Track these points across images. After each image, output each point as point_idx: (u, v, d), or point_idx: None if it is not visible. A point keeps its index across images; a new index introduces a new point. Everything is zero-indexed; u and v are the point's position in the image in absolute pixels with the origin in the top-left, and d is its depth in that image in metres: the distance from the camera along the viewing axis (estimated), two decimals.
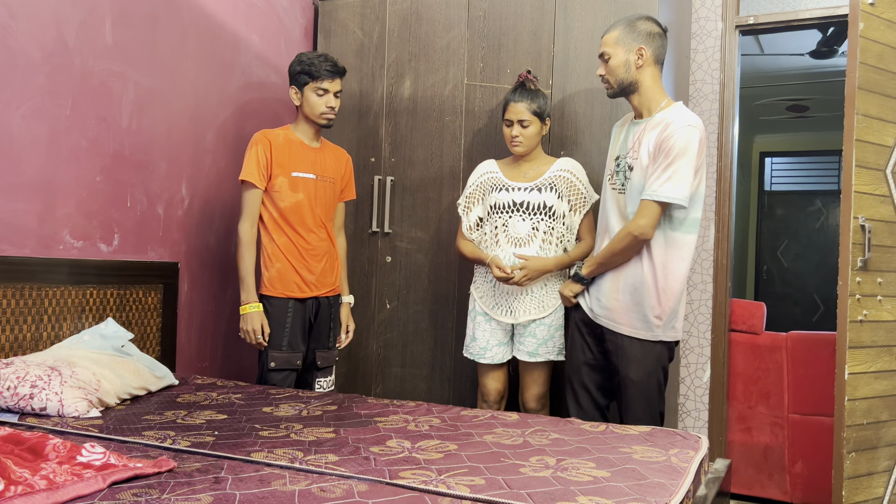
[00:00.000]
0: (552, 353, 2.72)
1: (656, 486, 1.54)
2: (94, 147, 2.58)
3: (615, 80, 2.41)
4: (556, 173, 2.75)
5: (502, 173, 2.81)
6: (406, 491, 1.46)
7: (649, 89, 2.40)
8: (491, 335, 2.79)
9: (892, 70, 2.67)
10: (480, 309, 2.81)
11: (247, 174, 2.71)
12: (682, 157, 2.26)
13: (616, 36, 2.40)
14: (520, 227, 2.73)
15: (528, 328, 2.74)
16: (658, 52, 2.40)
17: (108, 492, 1.40)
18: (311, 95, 2.75)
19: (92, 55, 2.55)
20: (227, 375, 3.23)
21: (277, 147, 2.74)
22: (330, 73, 2.74)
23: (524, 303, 2.73)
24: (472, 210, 2.87)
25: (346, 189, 2.98)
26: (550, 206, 2.71)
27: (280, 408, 2.21)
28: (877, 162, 2.64)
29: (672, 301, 2.36)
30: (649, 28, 2.39)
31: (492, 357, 2.79)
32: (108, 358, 2.28)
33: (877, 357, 2.64)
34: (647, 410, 2.39)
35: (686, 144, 2.26)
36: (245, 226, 2.72)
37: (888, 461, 2.67)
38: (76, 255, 2.52)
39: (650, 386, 2.38)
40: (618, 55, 2.39)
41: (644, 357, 2.37)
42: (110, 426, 1.94)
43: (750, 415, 3.49)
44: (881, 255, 2.65)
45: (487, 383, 2.83)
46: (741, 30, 3.47)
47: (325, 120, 2.78)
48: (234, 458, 1.66)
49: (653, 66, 2.40)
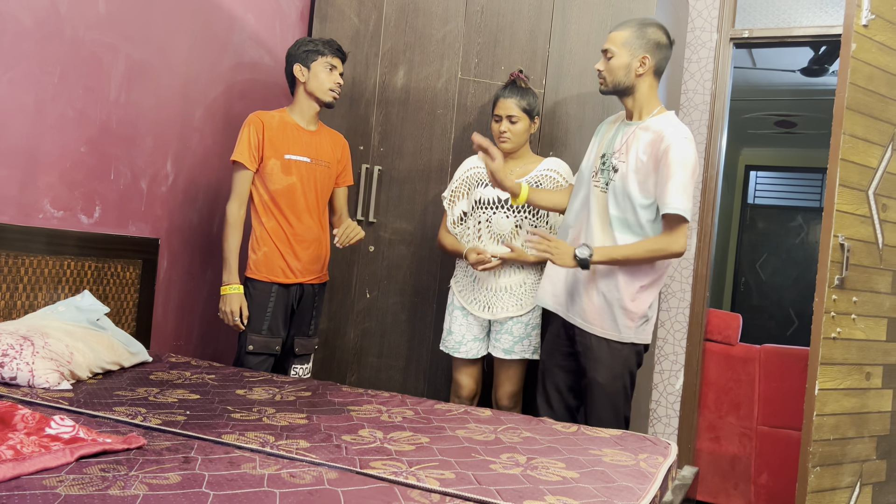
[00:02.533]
0: (527, 352, 2.73)
1: (624, 490, 1.55)
2: (80, 117, 2.55)
3: (612, 80, 2.40)
4: (542, 172, 2.76)
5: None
6: (376, 481, 1.47)
7: (644, 96, 2.40)
8: (467, 330, 2.80)
9: (880, 92, 2.70)
10: (458, 303, 2.82)
11: (238, 155, 2.69)
12: (685, 170, 2.25)
13: (625, 37, 2.37)
14: (503, 224, 2.75)
15: (504, 325, 2.75)
16: (660, 63, 2.40)
17: (76, 465, 1.39)
18: (321, 71, 2.74)
19: (84, 25, 2.52)
20: (203, 355, 3.21)
21: (271, 129, 2.72)
22: (338, 52, 2.79)
23: (502, 300, 2.74)
24: (456, 204, 2.88)
25: (344, 173, 2.95)
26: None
27: (254, 391, 2.20)
28: (860, 182, 2.68)
29: (643, 306, 2.37)
30: (658, 38, 2.37)
31: (466, 352, 2.80)
32: (82, 331, 2.26)
33: (847, 375, 2.67)
34: (613, 414, 2.40)
35: (686, 159, 2.26)
36: (233, 206, 2.70)
37: (851, 477, 2.71)
38: (56, 224, 2.50)
39: (616, 389, 2.40)
40: (621, 56, 2.37)
41: (612, 360, 2.39)
42: (81, 400, 1.92)
43: (720, 424, 3.52)
44: (858, 274, 2.68)
45: (461, 378, 2.84)
46: (735, 42, 3.49)
47: (332, 97, 2.78)
48: (205, 439, 1.65)
49: (652, 76, 2.39)
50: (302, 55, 2.75)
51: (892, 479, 2.83)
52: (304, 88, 2.78)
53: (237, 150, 2.69)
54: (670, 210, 2.25)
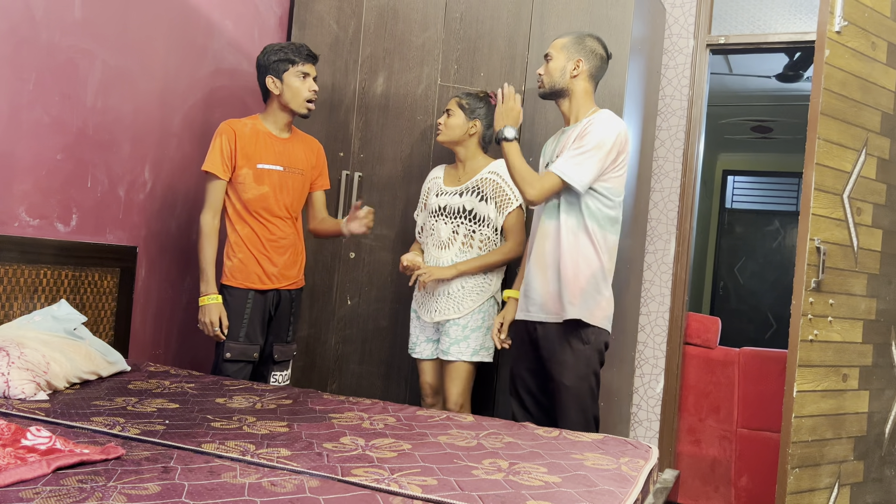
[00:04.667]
0: (465, 354, 2.77)
1: (606, 494, 1.56)
2: (56, 124, 2.52)
3: (549, 82, 2.54)
4: (483, 176, 2.81)
5: (442, 178, 2.92)
6: (358, 489, 1.46)
7: (579, 99, 2.53)
8: (420, 331, 2.92)
9: (854, 98, 2.74)
10: (414, 306, 2.95)
11: (210, 165, 2.67)
12: (594, 147, 2.37)
13: (564, 43, 2.54)
14: (442, 231, 2.82)
15: (443, 327, 2.82)
16: (595, 70, 2.54)
17: (53, 477, 1.37)
18: (294, 81, 2.71)
19: (60, 30, 2.49)
20: (182, 364, 3.18)
21: (243, 137, 2.70)
22: (309, 58, 2.74)
23: (441, 303, 2.81)
24: (419, 214, 3.00)
25: (320, 178, 2.94)
26: (471, 210, 2.78)
27: (234, 399, 2.18)
28: (835, 186, 2.71)
29: (583, 281, 2.43)
30: (594, 47, 2.53)
31: (420, 352, 2.91)
32: (59, 340, 2.23)
33: (825, 376, 2.70)
34: (582, 415, 2.45)
35: (602, 139, 2.38)
36: (207, 216, 2.68)
37: (830, 478, 2.74)
38: (31, 233, 2.46)
39: (582, 390, 2.45)
40: (559, 59, 2.52)
41: (576, 362, 2.45)
42: (58, 410, 1.89)
43: (700, 427, 3.55)
44: (834, 277, 2.72)
45: (421, 377, 2.95)
46: (712, 49, 3.54)
47: (307, 109, 2.75)
48: (185, 448, 1.64)
49: (586, 81, 2.52)
50: (273, 66, 2.70)
51: (869, 479, 2.86)
52: (278, 100, 2.75)
53: (209, 160, 2.67)
54: (550, 168, 2.42)
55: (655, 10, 3.37)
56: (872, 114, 2.81)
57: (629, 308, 3.37)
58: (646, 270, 3.56)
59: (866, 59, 2.77)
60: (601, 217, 2.45)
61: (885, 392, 2.89)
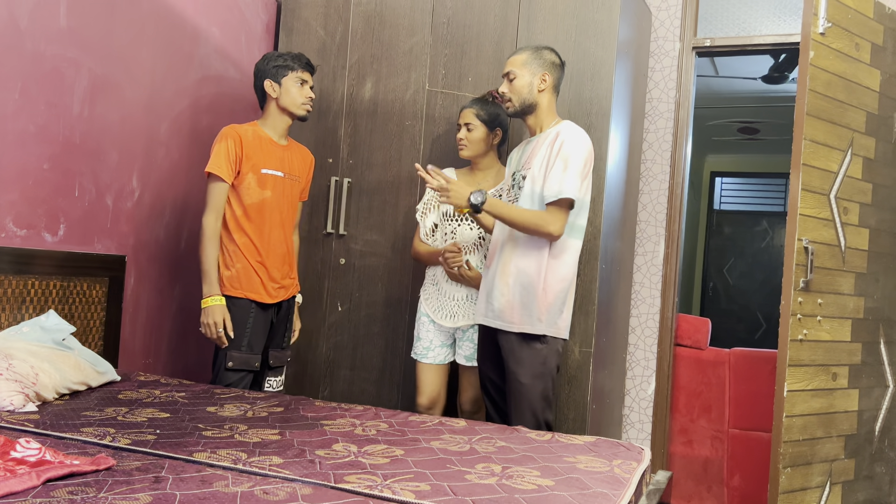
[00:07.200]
0: None
1: (599, 496, 1.56)
2: (42, 133, 2.50)
3: (518, 100, 2.56)
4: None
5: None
6: (351, 495, 1.45)
7: (544, 111, 2.58)
8: (435, 336, 2.86)
9: (839, 98, 2.77)
10: (426, 311, 2.87)
11: (214, 167, 2.65)
12: (573, 160, 2.43)
13: (523, 59, 2.57)
14: (467, 235, 2.83)
15: (466, 333, 2.81)
16: (557, 81, 2.60)
17: (43, 489, 1.36)
18: (292, 86, 2.74)
19: (45, 39, 2.48)
20: (172, 373, 3.16)
21: (248, 142, 2.70)
22: (308, 66, 2.78)
23: (464, 308, 2.80)
24: (427, 216, 2.93)
25: (305, 188, 2.98)
26: None
27: (225, 408, 2.17)
28: (822, 186, 2.73)
29: (552, 297, 2.45)
30: (553, 58, 2.58)
31: (433, 357, 2.85)
32: (47, 351, 2.21)
33: (814, 376, 2.72)
34: (531, 416, 2.46)
35: (576, 150, 2.44)
36: (209, 219, 2.66)
37: (821, 477, 2.75)
38: (19, 243, 2.45)
39: (534, 391, 2.45)
40: (523, 77, 2.55)
41: (532, 362, 2.46)
42: (47, 422, 1.88)
43: (692, 428, 3.56)
44: (822, 276, 2.74)
45: (423, 385, 2.87)
46: (698, 51, 3.56)
47: (305, 111, 2.78)
48: (176, 458, 1.63)
49: (551, 93, 2.58)
50: (272, 71, 2.74)
51: (860, 477, 2.88)
52: (276, 104, 2.77)
53: (213, 162, 2.65)
54: (548, 198, 2.43)
55: (641, 14, 3.38)
56: (857, 114, 2.83)
57: (619, 310, 3.38)
58: (635, 272, 3.58)
59: (850, 60, 2.80)
60: (572, 226, 2.49)
61: (874, 390, 2.91)
